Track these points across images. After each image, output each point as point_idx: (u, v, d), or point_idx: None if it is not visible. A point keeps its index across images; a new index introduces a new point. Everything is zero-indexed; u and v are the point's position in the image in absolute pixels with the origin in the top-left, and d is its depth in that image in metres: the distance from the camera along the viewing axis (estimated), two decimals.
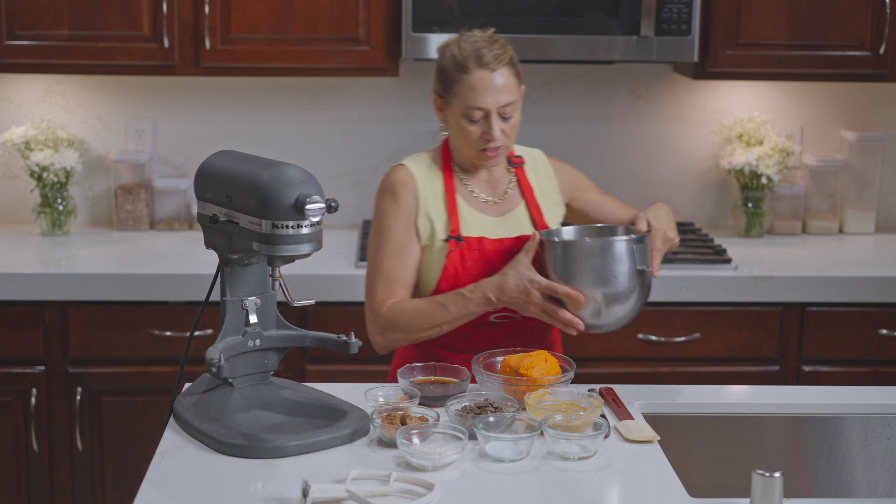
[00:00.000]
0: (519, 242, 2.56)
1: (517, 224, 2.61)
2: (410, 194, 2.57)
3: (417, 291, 2.62)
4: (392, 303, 2.55)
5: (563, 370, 2.37)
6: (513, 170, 2.66)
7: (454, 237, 2.55)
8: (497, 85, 2.48)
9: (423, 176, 2.59)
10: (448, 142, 2.64)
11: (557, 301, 2.42)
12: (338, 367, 3.44)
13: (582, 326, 2.41)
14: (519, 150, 2.70)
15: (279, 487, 2.00)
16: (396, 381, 2.46)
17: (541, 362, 2.35)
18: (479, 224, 2.58)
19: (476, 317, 2.50)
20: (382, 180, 2.61)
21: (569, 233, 2.58)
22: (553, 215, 2.67)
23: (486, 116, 2.49)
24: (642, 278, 2.43)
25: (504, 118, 2.50)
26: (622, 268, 2.40)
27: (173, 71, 3.62)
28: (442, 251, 2.56)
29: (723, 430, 2.41)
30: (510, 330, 2.58)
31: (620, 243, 2.41)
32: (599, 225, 2.61)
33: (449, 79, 2.51)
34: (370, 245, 2.61)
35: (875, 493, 2.45)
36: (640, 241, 2.43)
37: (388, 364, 3.34)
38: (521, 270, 2.43)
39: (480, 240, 2.56)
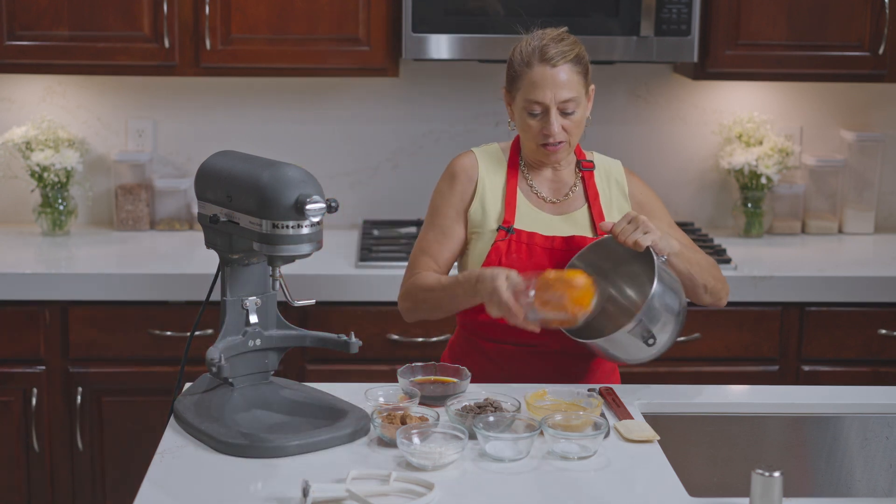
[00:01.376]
0: (569, 243, 2.55)
1: (576, 225, 2.59)
2: (469, 180, 2.60)
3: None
4: (417, 274, 2.58)
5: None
6: (580, 173, 2.65)
7: (505, 227, 2.55)
8: (557, 80, 2.49)
9: (488, 165, 2.62)
10: (518, 138, 2.66)
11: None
12: (338, 367, 3.45)
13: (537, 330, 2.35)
14: (597, 157, 2.69)
15: (279, 487, 2.00)
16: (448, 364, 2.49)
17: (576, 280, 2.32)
18: (535, 220, 2.59)
19: (463, 305, 2.48)
20: (450, 163, 2.65)
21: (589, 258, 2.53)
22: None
23: (546, 111, 2.50)
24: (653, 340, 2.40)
25: (565, 114, 2.51)
26: (633, 346, 2.40)
27: (173, 71, 3.62)
28: (490, 239, 2.56)
29: (723, 430, 2.42)
30: (550, 354, 2.57)
31: (623, 335, 2.36)
32: (600, 239, 2.53)
33: (514, 74, 2.54)
34: (424, 220, 2.67)
35: (874, 493, 2.45)
36: (648, 310, 2.34)
37: (388, 364, 3.35)
38: (495, 278, 2.33)
39: (532, 234, 2.56)
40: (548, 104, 2.50)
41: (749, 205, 3.92)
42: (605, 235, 2.50)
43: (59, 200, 3.81)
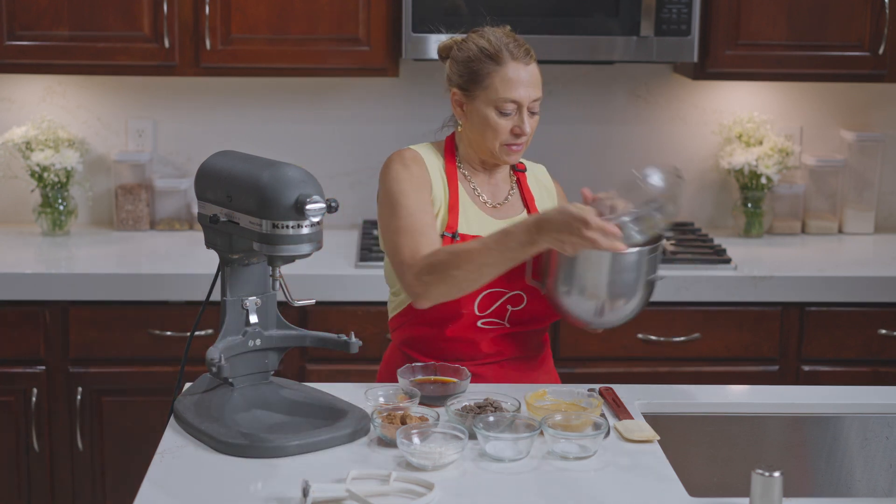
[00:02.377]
0: None
1: None
2: (422, 169, 2.48)
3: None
4: (431, 249, 2.37)
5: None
6: (514, 176, 2.61)
7: (449, 234, 2.47)
8: (532, 78, 2.44)
9: (432, 163, 2.52)
10: (453, 138, 2.59)
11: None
12: (338, 367, 3.45)
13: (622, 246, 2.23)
14: (526, 161, 2.66)
15: (279, 487, 2.00)
16: (385, 382, 2.45)
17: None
18: (481, 223, 2.51)
19: (516, 261, 2.30)
20: (389, 158, 2.51)
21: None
22: None
23: (518, 110, 2.45)
24: (651, 284, 2.38)
25: (531, 113, 2.47)
26: (631, 277, 2.35)
27: (173, 71, 3.63)
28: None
29: (723, 430, 2.42)
30: (497, 337, 2.51)
31: (632, 255, 2.32)
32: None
33: (476, 71, 2.45)
34: (383, 216, 2.46)
35: (874, 493, 2.45)
36: (654, 250, 2.36)
37: None
38: (567, 207, 2.23)
39: (477, 238, 2.46)
40: (522, 102, 2.44)
41: (749, 205, 3.93)
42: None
43: (59, 200, 3.81)
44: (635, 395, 2.43)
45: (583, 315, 2.40)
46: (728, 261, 3.56)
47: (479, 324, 2.48)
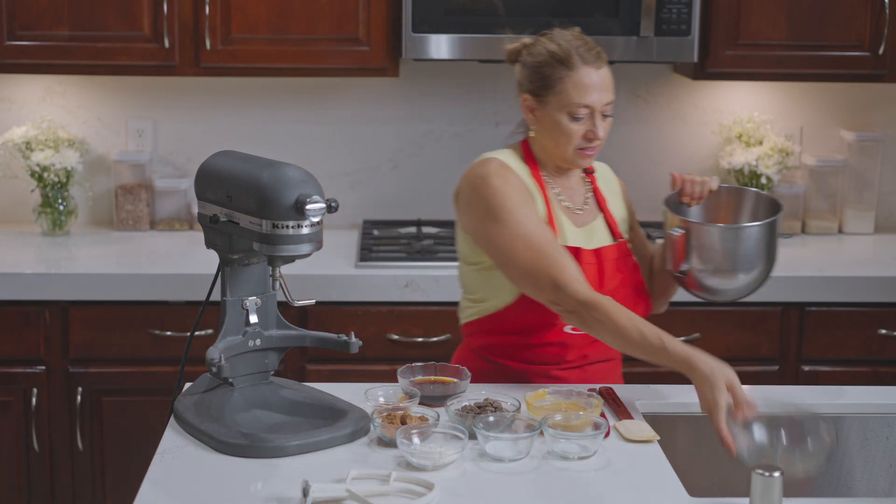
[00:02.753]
0: (611, 252, 2.49)
1: (598, 237, 2.52)
2: (519, 180, 2.44)
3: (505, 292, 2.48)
4: (598, 294, 2.34)
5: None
6: (587, 178, 2.59)
7: None
8: (604, 82, 2.42)
9: (522, 173, 2.47)
10: (528, 143, 2.53)
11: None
12: (338, 367, 3.45)
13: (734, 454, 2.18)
14: (594, 162, 2.62)
15: (279, 487, 2.00)
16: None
17: None
18: (569, 233, 2.48)
19: (666, 366, 2.30)
20: (475, 172, 2.45)
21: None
22: (623, 230, 2.59)
23: (591, 114, 2.41)
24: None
25: (604, 116, 2.43)
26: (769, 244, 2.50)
27: (173, 71, 3.63)
28: None
29: None
30: (583, 343, 2.49)
31: (771, 224, 2.50)
32: (663, 201, 2.56)
33: (548, 77, 2.42)
34: (491, 231, 2.40)
35: (874, 493, 2.45)
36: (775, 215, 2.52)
37: (389, 364, 3.35)
38: (727, 374, 2.19)
39: (578, 250, 2.45)
40: (595, 107, 2.41)
41: None
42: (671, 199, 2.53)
43: (59, 200, 3.81)
44: (635, 395, 2.43)
45: (724, 288, 2.52)
46: None
47: (566, 329, 2.49)
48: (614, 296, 2.41)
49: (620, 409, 2.34)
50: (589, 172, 2.60)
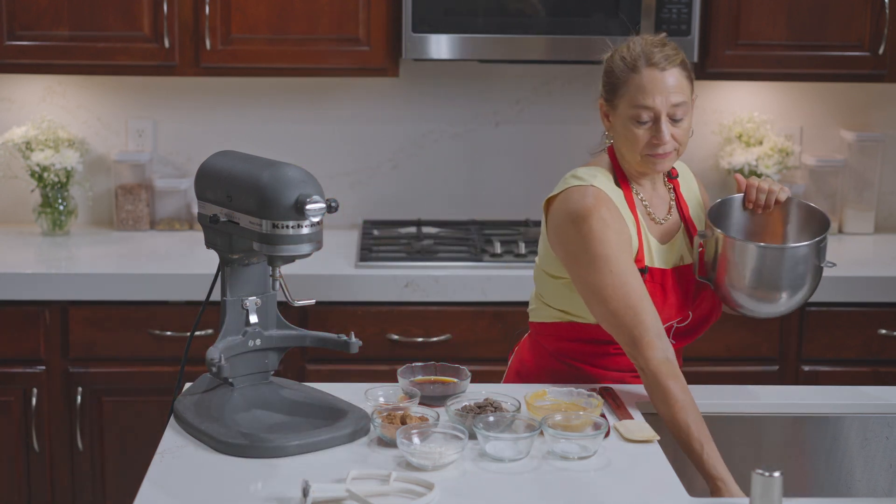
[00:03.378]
0: (679, 274, 2.46)
1: (679, 250, 2.49)
2: (619, 219, 2.39)
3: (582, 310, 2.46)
4: (668, 369, 2.29)
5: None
6: (670, 184, 2.54)
7: (640, 269, 2.39)
8: (667, 84, 2.35)
9: (616, 198, 2.41)
10: (613, 152, 2.49)
11: None
12: (338, 367, 3.45)
13: None
14: (676, 164, 2.57)
15: (279, 487, 2.00)
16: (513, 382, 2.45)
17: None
18: (657, 252, 2.45)
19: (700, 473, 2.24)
20: (574, 202, 2.39)
21: (724, 222, 2.49)
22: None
23: (656, 118, 2.36)
24: (819, 271, 2.46)
25: (674, 121, 2.38)
26: (799, 268, 2.42)
27: (173, 71, 3.63)
28: None
29: (723, 430, 2.41)
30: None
31: (801, 248, 2.41)
32: (719, 200, 2.51)
33: (616, 80, 2.39)
34: (587, 276, 2.36)
35: (874, 493, 2.45)
36: (821, 241, 2.44)
37: (388, 364, 3.35)
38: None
39: (664, 272, 2.43)
40: (658, 109, 2.35)
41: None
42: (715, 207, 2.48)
43: (59, 200, 3.81)
44: (635, 396, 2.43)
45: (756, 309, 2.44)
46: None
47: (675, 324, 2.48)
48: (694, 312, 2.47)
49: (620, 409, 2.34)
50: (672, 177, 2.54)
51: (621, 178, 2.46)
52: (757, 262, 2.39)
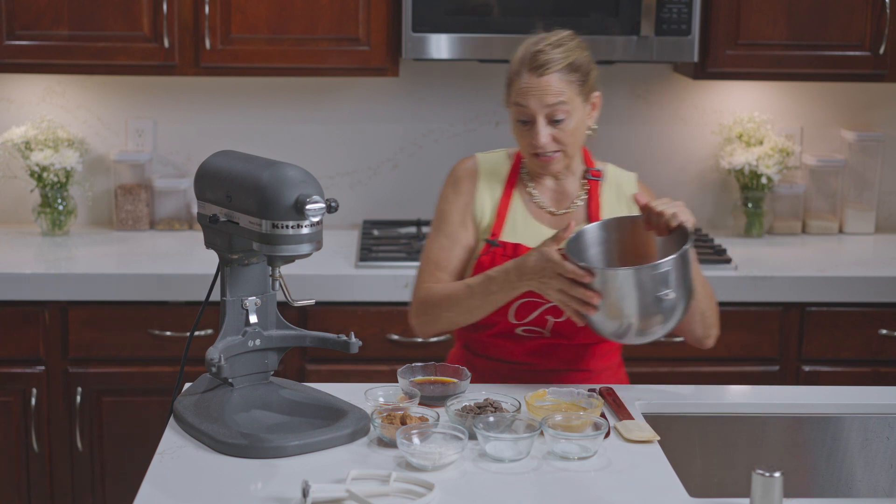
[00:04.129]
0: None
1: None
2: (472, 184, 2.55)
3: None
4: (428, 285, 2.51)
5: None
6: (587, 185, 2.57)
7: (490, 240, 2.49)
8: (544, 88, 2.41)
9: (488, 171, 2.56)
10: None
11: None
12: (338, 367, 3.45)
13: (593, 312, 2.25)
14: (610, 168, 2.60)
15: (279, 487, 2.00)
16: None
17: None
18: (529, 231, 2.51)
19: (504, 301, 2.41)
20: (453, 167, 2.60)
21: (593, 235, 2.41)
22: None
23: (532, 120, 2.43)
24: (661, 302, 2.26)
25: (555, 122, 2.42)
26: (638, 294, 2.25)
27: (173, 71, 3.62)
28: (478, 251, 2.52)
29: (723, 430, 2.42)
30: (536, 346, 2.51)
31: (664, 269, 2.24)
32: (619, 217, 2.45)
33: (508, 82, 2.48)
34: (431, 228, 2.59)
35: (875, 493, 2.45)
36: (683, 256, 2.26)
37: (388, 364, 3.35)
38: (543, 251, 2.30)
39: (516, 246, 2.48)
40: (533, 111, 2.42)
41: (749, 205, 3.92)
42: (610, 219, 2.44)
43: (59, 200, 3.81)
44: (635, 396, 2.43)
45: (606, 333, 2.33)
46: (728, 261, 3.56)
47: (517, 331, 2.50)
48: None
49: (620, 409, 2.34)
50: (591, 178, 2.57)
51: (516, 164, 2.57)
52: (598, 281, 2.27)
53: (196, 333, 3.36)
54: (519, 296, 2.42)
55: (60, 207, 3.81)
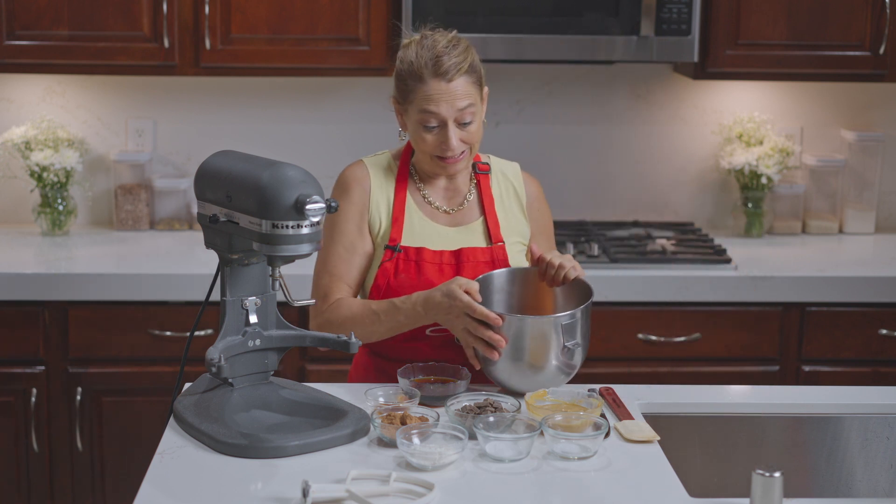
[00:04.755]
0: (458, 256, 2.49)
1: (471, 237, 2.52)
2: (363, 191, 2.52)
3: (361, 292, 2.57)
4: (332, 302, 2.49)
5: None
6: (475, 178, 2.57)
7: (391, 246, 2.48)
8: (454, 93, 2.40)
9: (378, 175, 2.53)
10: (410, 144, 2.57)
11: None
12: (338, 367, 3.44)
13: (497, 356, 2.30)
14: (493, 160, 2.61)
15: (279, 487, 2.00)
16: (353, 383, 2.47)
17: None
18: (428, 233, 2.51)
19: (409, 328, 2.42)
20: (340, 174, 2.57)
21: (499, 281, 2.45)
22: (513, 232, 2.56)
23: (443, 124, 2.42)
24: (569, 353, 2.32)
25: (462, 124, 2.43)
26: (548, 344, 2.30)
27: (173, 71, 3.63)
28: (378, 257, 2.50)
29: (723, 430, 2.42)
30: (447, 342, 2.49)
31: (548, 322, 2.29)
32: (524, 268, 2.49)
33: (405, 86, 2.44)
34: (324, 238, 2.52)
35: (875, 493, 2.45)
36: (573, 316, 2.31)
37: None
38: (451, 288, 2.32)
39: (419, 250, 2.48)
40: (444, 116, 2.41)
41: (749, 205, 3.92)
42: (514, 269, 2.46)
43: (59, 200, 3.81)
44: (635, 396, 2.43)
45: (502, 377, 2.35)
46: (728, 261, 3.56)
47: (427, 332, 2.49)
48: None
49: (620, 409, 2.34)
50: (480, 172, 2.57)
51: (403, 165, 2.55)
52: (506, 327, 2.31)
53: (196, 333, 3.36)
54: None
55: (60, 207, 3.81)
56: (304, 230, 2.12)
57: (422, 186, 2.55)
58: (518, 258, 2.55)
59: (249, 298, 2.28)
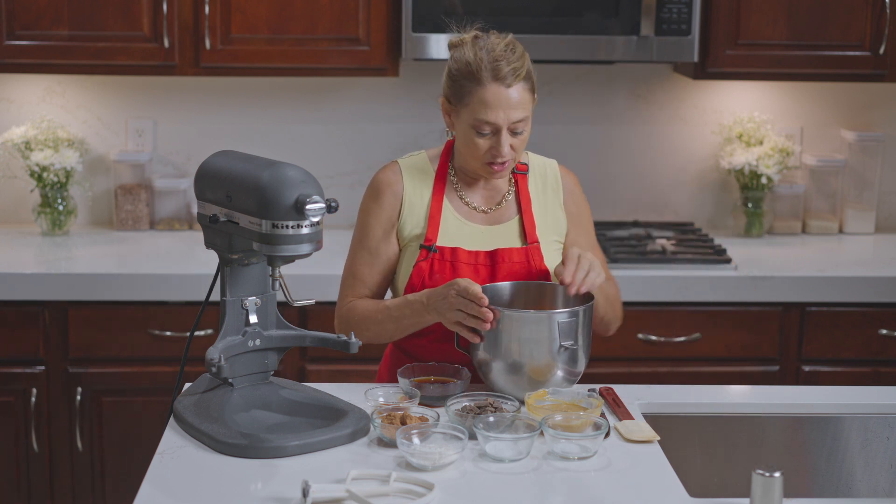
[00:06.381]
0: (494, 257, 2.47)
1: (506, 237, 2.51)
2: (394, 195, 2.50)
3: (392, 293, 2.57)
4: (350, 302, 2.51)
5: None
6: (514, 177, 2.55)
7: (426, 246, 2.47)
8: (511, 101, 2.37)
9: (413, 177, 2.51)
10: (451, 144, 2.55)
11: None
12: (338, 367, 3.45)
13: (479, 339, 2.31)
14: (532, 158, 2.60)
15: (279, 487, 2.00)
16: (385, 382, 2.46)
17: None
18: (463, 233, 2.49)
19: (414, 322, 2.41)
20: (374, 177, 2.55)
21: (505, 291, 2.44)
22: (550, 231, 2.54)
23: (497, 131, 2.39)
24: (567, 353, 2.30)
25: (514, 133, 2.41)
26: (545, 341, 2.29)
27: (173, 71, 3.63)
28: (413, 256, 2.49)
29: (723, 430, 2.42)
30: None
31: (551, 318, 2.28)
32: (529, 282, 2.47)
33: (460, 87, 2.40)
34: (352, 239, 2.56)
35: (875, 493, 2.45)
36: (573, 315, 2.30)
37: None
38: (455, 279, 2.32)
39: (455, 250, 2.47)
40: (500, 125, 2.38)
41: (749, 205, 3.92)
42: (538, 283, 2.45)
43: (59, 200, 3.81)
44: (635, 395, 2.43)
45: (499, 379, 2.34)
46: (728, 261, 3.56)
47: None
48: None
49: (620, 409, 2.34)
50: (518, 172, 2.56)
51: (442, 165, 2.53)
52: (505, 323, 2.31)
53: (196, 333, 3.36)
54: None
55: (60, 207, 3.81)
56: (304, 230, 2.12)
57: (459, 187, 2.53)
58: (555, 257, 2.52)
59: (249, 298, 2.28)
